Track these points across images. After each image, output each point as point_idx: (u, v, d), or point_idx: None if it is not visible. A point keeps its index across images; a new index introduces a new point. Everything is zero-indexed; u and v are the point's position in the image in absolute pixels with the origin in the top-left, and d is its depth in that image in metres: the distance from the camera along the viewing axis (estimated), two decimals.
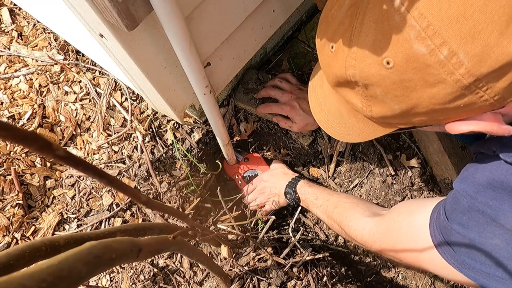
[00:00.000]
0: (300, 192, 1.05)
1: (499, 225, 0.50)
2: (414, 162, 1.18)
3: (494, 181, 0.51)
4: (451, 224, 0.57)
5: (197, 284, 0.96)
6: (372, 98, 0.52)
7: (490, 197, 0.51)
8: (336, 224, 0.92)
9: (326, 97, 0.68)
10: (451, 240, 0.57)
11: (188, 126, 1.11)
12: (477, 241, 0.53)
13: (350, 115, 0.63)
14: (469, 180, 0.56)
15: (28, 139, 0.19)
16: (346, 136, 0.67)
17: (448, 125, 0.51)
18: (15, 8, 1.25)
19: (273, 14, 0.94)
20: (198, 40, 0.74)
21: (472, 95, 0.43)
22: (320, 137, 1.19)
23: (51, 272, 0.21)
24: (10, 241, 1.01)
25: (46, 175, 1.07)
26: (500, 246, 0.50)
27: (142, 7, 0.52)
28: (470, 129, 0.48)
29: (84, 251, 0.26)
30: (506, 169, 0.50)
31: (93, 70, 1.16)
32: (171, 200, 1.05)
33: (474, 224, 0.53)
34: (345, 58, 0.50)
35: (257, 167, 1.21)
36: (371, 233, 0.80)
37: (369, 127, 0.61)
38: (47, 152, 0.20)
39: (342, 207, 0.92)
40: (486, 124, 0.47)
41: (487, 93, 0.42)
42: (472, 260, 0.54)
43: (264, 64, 1.22)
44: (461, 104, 0.45)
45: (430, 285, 1.12)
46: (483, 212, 0.52)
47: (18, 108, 1.11)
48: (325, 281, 0.90)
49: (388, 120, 0.54)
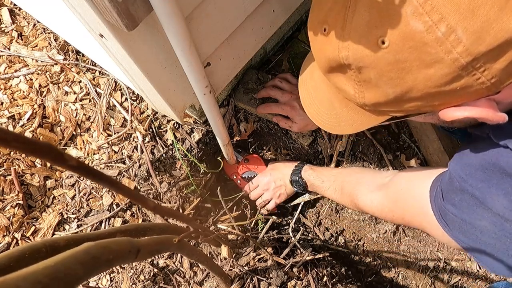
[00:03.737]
0: (306, 178, 1.07)
1: (487, 208, 0.51)
2: (414, 162, 1.17)
3: (486, 162, 0.51)
4: (446, 204, 0.59)
5: (197, 284, 0.96)
6: (365, 83, 0.50)
7: (479, 180, 0.52)
8: (348, 204, 0.96)
9: (317, 88, 0.66)
10: (446, 217, 0.60)
11: (188, 126, 1.11)
12: (467, 221, 0.55)
13: (341, 105, 0.61)
14: (462, 162, 0.57)
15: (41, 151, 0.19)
16: (337, 127, 0.66)
17: (442, 111, 0.50)
18: (15, 8, 1.25)
19: (273, 14, 0.94)
20: (198, 40, 0.74)
21: (469, 76, 0.42)
22: (320, 137, 1.19)
23: (47, 273, 0.21)
24: (10, 241, 1.01)
25: (46, 175, 1.07)
26: (488, 228, 0.52)
27: (142, 7, 0.52)
28: (465, 115, 0.47)
29: (81, 252, 0.26)
30: (497, 151, 0.50)
31: (93, 70, 1.16)
32: (171, 200, 1.05)
33: (465, 205, 0.55)
34: (338, 39, 0.49)
35: (256, 168, 1.22)
36: (379, 207, 0.83)
37: (361, 117, 0.60)
38: (59, 162, 0.20)
39: (348, 187, 0.95)
40: (481, 110, 0.46)
41: (484, 75, 0.42)
42: (465, 237, 0.57)
43: (264, 64, 1.22)
44: (457, 87, 0.44)
45: (430, 285, 1.12)
46: (472, 195, 0.53)
47: (18, 108, 1.11)
48: (325, 281, 0.90)
49: (381, 107, 0.53)
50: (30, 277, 0.20)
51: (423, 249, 1.15)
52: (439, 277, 1.14)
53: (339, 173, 1.04)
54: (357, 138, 1.19)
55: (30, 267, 0.21)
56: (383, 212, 0.82)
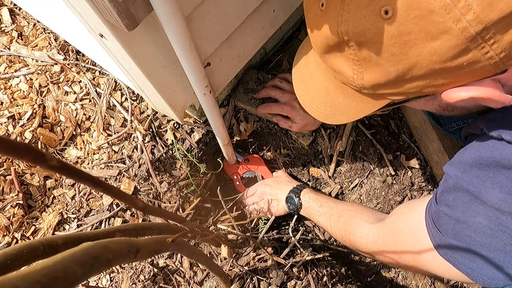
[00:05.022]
0: (304, 199, 1.02)
1: (482, 203, 0.50)
2: (414, 162, 1.17)
3: (481, 158, 0.50)
4: (439, 207, 0.57)
5: (197, 284, 0.96)
6: (364, 62, 0.47)
7: (475, 175, 0.51)
8: (341, 232, 0.89)
9: (312, 75, 0.64)
10: (439, 223, 0.57)
11: (188, 126, 1.11)
12: (461, 220, 0.53)
13: (337, 91, 0.59)
14: (457, 161, 0.56)
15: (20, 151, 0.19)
16: (332, 117, 0.63)
17: (445, 92, 0.47)
18: (15, 8, 1.25)
19: (273, 14, 0.94)
20: (198, 40, 0.74)
21: (477, 50, 0.40)
22: (320, 137, 1.19)
23: (45, 273, 0.21)
24: (10, 241, 1.01)
25: (46, 175, 1.07)
26: (483, 224, 0.50)
27: (142, 7, 0.52)
28: (470, 95, 0.45)
29: (80, 251, 0.26)
30: (492, 145, 0.49)
31: (93, 70, 1.16)
32: (171, 200, 1.05)
33: (460, 203, 0.53)
34: (337, 12, 0.46)
35: (257, 168, 1.21)
36: (374, 239, 0.78)
37: (358, 103, 0.57)
38: (40, 163, 0.20)
39: (347, 215, 0.89)
40: (487, 89, 0.44)
41: (493, 48, 0.39)
42: (457, 240, 0.54)
43: (264, 64, 1.22)
44: (464, 62, 0.41)
45: (430, 285, 1.12)
46: (467, 191, 0.52)
47: (18, 108, 1.11)
48: (325, 281, 0.89)
49: (380, 89, 0.50)
50: (29, 277, 0.20)
51: None
52: (439, 277, 1.13)
53: (341, 202, 0.99)
54: (357, 138, 1.19)
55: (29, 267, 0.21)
56: (376, 244, 0.77)
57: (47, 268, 0.22)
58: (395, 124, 1.26)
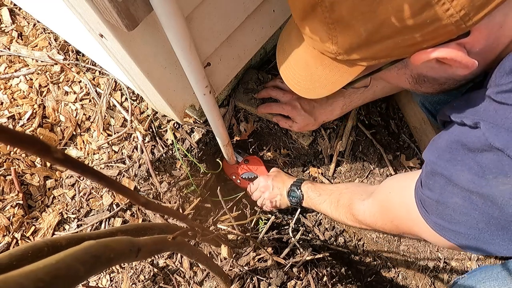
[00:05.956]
0: (304, 190, 1.05)
1: (455, 185, 0.54)
2: (414, 162, 1.18)
3: (450, 142, 0.54)
4: (423, 190, 0.61)
5: (197, 284, 0.96)
6: (337, 24, 0.50)
7: (446, 160, 0.55)
8: (341, 216, 0.94)
9: (293, 49, 0.67)
10: (425, 205, 0.62)
11: (188, 126, 1.11)
12: (441, 202, 0.57)
13: (316, 62, 0.61)
14: (432, 147, 0.60)
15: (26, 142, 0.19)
16: (312, 90, 0.66)
17: (414, 56, 0.50)
18: (15, 8, 1.25)
19: (273, 14, 0.94)
20: (198, 40, 0.74)
21: (438, 6, 0.43)
22: (320, 137, 1.19)
23: (48, 271, 0.21)
24: (10, 241, 1.01)
25: (46, 175, 1.07)
26: (459, 203, 0.54)
27: (142, 7, 0.52)
28: (435, 55, 0.48)
29: (82, 250, 0.26)
30: (458, 130, 0.54)
31: (93, 70, 1.16)
32: (171, 200, 1.05)
33: (437, 186, 0.57)
34: None
35: (256, 169, 1.22)
36: (371, 214, 0.82)
37: (335, 74, 0.60)
38: (45, 155, 0.20)
39: (344, 199, 0.94)
40: (451, 51, 0.47)
41: (453, 5, 0.42)
42: (441, 219, 0.59)
43: (264, 64, 1.22)
44: (427, 20, 0.44)
45: (430, 285, 1.12)
46: (441, 174, 0.55)
47: (18, 108, 1.11)
48: (325, 281, 0.90)
49: (354, 53, 0.53)
50: (32, 275, 0.20)
51: (423, 249, 1.15)
52: (439, 277, 1.14)
53: (336, 187, 1.03)
54: (357, 138, 1.19)
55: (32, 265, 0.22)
56: (374, 218, 0.82)
57: (49, 266, 0.22)
58: (395, 124, 1.26)
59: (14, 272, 0.19)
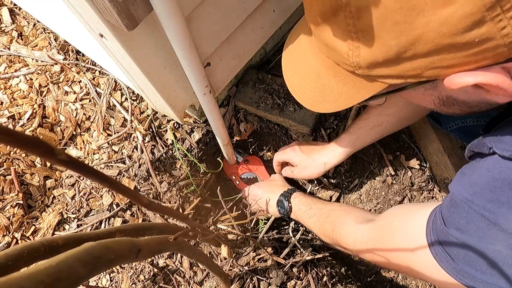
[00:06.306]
0: (294, 202, 0.99)
1: (501, 230, 0.45)
2: (414, 162, 1.18)
3: (493, 179, 0.46)
4: (449, 229, 0.51)
5: (197, 284, 0.96)
6: (363, 34, 0.42)
7: (487, 199, 0.46)
8: (328, 233, 0.86)
9: (303, 57, 0.59)
10: (448, 247, 0.52)
11: (188, 126, 1.11)
12: (478, 247, 0.47)
13: (329, 74, 0.54)
14: (465, 182, 0.51)
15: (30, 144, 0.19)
16: (321, 104, 0.57)
17: (449, 77, 0.42)
18: (15, 8, 1.25)
19: (273, 14, 0.94)
20: (198, 40, 0.74)
21: (493, 23, 0.35)
22: (320, 137, 1.19)
23: (49, 273, 0.21)
24: (10, 241, 1.01)
25: (46, 175, 1.07)
26: (503, 252, 0.45)
27: (142, 7, 0.52)
28: (477, 80, 0.40)
29: (83, 251, 0.26)
30: (505, 165, 0.45)
31: (93, 70, 1.16)
32: (171, 200, 1.05)
33: (474, 228, 0.48)
34: None
35: (256, 170, 1.22)
36: (363, 240, 0.73)
37: (350, 89, 0.52)
38: (49, 157, 0.20)
39: (335, 215, 0.86)
40: (496, 76, 0.39)
41: (511, 24, 0.35)
42: (472, 268, 0.49)
43: (264, 64, 1.22)
44: (476, 39, 0.36)
45: (430, 285, 1.12)
46: (482, 216, 0.46)
47: (18, 108, 1.11)
48: (325, 281, 0.90)
49: (377, 69, 0.45)
50: (33, 277, 0.20)
51: None
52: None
53: (329, 203, 0.96)
54: None
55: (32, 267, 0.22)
56: (366, 245, 0.72)
57: (51, 268, 0.22)
58: None
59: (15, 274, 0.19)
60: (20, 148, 0.19)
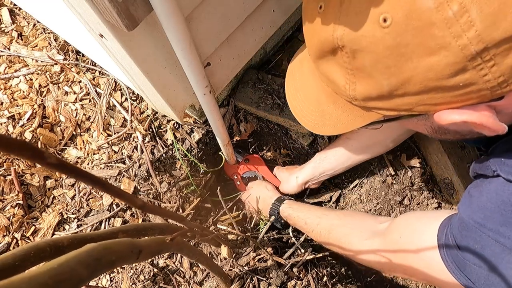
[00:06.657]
0: (285, 217, 1.01)
1: None
2: (414, 162, 1.17)
3: (503, 203, 0.47)
4: (464, 254, 0.52)
5: (197, 284, 0.96)
6: (358, 72, 0.45)
7: (499, 223, 0.47)
8: (335, 249, 0.87)
9: (305, 82, 0.62)
10: (467, 272, 0.53)
11: (188, 126, 1.11)
12: (497, 272, 0.48)
13: (328, 101, 0.56)
14: (474, 205, 0.52)
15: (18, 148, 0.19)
16: (321, 127, 0.60)
17: (438, 113, 0.45)
18: (15, 8, 1.25)
19: (273, 14, 0.94)
20: (198, 40, 0.74)
21: (476, 71, 0.38)
22: (320, 137, 1.19)
23: (51, 275, 0.21)
24: (10, 241, 1.01)
25: (46, 175, 1.07)
26: None
27: (142, 7, 0.52)
28: (463, 118, 0.43)
29: (84, 253, 0.26)
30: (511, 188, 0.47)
31: (93, 70, 1.16)
32: (171, 200, 1.05)
33: (490, 253, 0.49)
34: (335, 16, 0.44)
35: (257, 168, 1.22)
36: (376, 259, 0.74)
37: (348, 116, 0.55)
38: (38, 160, 0.20)
39: (337, 232, 0.86)
40: (481, 115, 0.42)
41: (492, 71, 0.37)
42: None
43: (264, 64, 1.22)
44: (460, 83, 0.39)
45: (430, 286, 1.12)
46: (496, 241, 0.47)
47: (18, 108, 1.11)
48: (325, 281, 0.90)
49: (372, 102, 0.48)
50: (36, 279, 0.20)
51: None
52: None
53: (324, 215, 0.94)
54: None
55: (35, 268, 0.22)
56: (381, 264, 0.73)
57: (53, 270, 0.22)
58: None
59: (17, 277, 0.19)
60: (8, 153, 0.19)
